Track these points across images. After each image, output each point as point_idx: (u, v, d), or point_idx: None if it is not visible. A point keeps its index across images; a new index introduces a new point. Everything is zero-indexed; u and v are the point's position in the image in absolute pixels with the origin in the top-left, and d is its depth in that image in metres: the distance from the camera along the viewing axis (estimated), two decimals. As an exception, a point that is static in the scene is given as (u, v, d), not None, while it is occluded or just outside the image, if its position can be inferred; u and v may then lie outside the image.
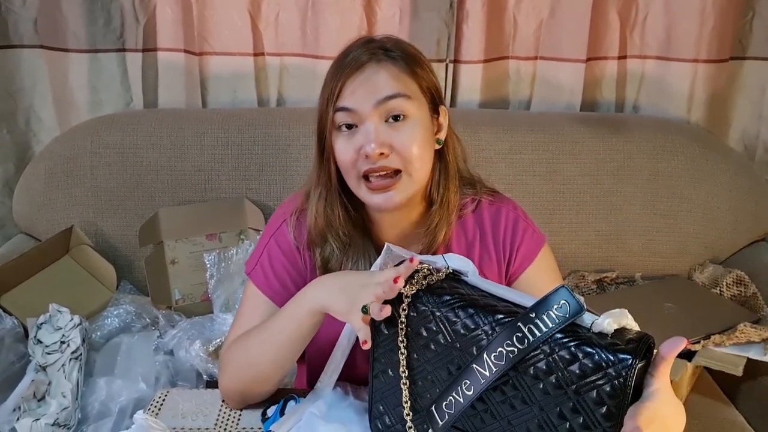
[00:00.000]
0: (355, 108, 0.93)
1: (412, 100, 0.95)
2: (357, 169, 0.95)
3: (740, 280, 1.56)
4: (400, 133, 0.94)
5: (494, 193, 1.11)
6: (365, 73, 0.94)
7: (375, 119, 0.93)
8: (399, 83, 0.94)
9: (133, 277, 1.68)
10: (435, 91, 1.00)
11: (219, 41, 1.79)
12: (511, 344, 0.74)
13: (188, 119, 1.70)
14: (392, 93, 0.93)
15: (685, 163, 1.69)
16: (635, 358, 0.69)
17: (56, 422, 1.21)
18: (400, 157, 0.94)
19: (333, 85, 0.94)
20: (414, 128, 0.95)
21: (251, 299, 1.07)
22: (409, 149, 0.94)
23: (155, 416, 1.01)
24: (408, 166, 0.94)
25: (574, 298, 0.73)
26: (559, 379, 0.72)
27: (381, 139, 0.93)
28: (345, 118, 0.94)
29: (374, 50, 0.95)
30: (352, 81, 0.94)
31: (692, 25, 1.76)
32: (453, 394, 0.78)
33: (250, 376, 0.99)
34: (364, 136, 0.93)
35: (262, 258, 1.07)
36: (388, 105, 0.93)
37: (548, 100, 1.85)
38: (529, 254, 1.06)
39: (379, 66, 0.94)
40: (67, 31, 1.73)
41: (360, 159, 0.94)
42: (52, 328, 1.34)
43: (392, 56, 0.95)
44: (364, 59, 0.94)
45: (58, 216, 1.65)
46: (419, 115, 0.96)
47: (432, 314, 0.82)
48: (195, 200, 1.66)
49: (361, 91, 0.93)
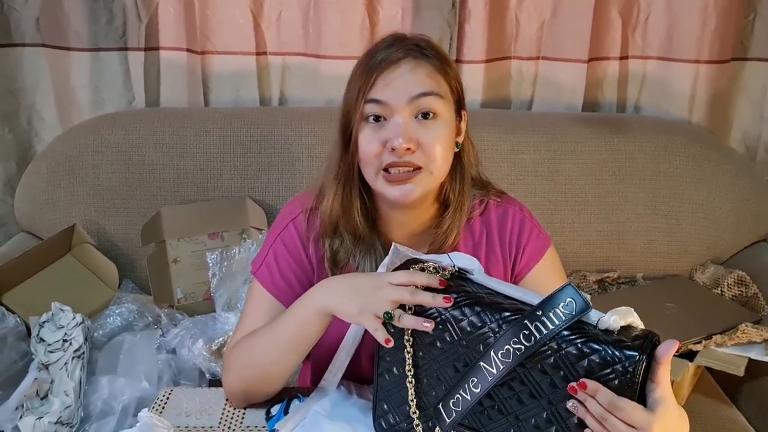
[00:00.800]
0: (387, 101, 0.94)
1: (444, 99, 0.96)
2: (380, 161, 0.95)
3: (741, 280, 1.57)
4: (428, 131, 0.94)
5: (502, 194, 1.11)
6: (401, 69, 0.94)
7: (406, 114, 0.94)
8: (434, 82, 0.95)
9: (135, 275, 1.67)
10: (461, 94, 1.01)
11: (221, 40, 1.79)
12: (518, 342, 0.74)
13: (190, 118, 1.69)
14: (428, 90, 0.94)
15: (687, 163, 1.69)
16: (642, 354, 0.69)
17: (59, 420, 1.21)
18: (424, 155, 0.94)
19: (365, 78, 0.95)
20: (442, 128, 0.95)
21: (256, 298, 1.06)
22: (434, 148, 0.94)
23: (159, 414, 1.01)
24: (430, 164, 0.95)
25: (581, 295, 0.74)
26: (567, 375, 0.72)
27: (410, 134, 0.93)
28: (375, 109, 0.94)
29: (409, 47, 0.96)
30: (386, 75, 0.94)
31: (694, 25, 1.76)
32: (460, 391, 0.79)
33: (255, 376, 0.99)
34: (392, 130, 0.93)
35: (268, 257, 1.06)
36: (421, 102, 0.94)
37: (550, 100, 1.85)
38: (534, 254, 1.07)
39: (415, 63, 0.95)
40: (69, 29, 1.73)
41: (385, 152, 0.94)
42: (55, 326, 1.34)
43: (427, 54, 0.96)
44: (400, 55, 0.95)
45: (60, 215, 1.65)
46: (447, 116, 0.97)
47: (438, 312, 0.82)
48: (197, 199, 1.66)
49: (396, 86, 0.94)
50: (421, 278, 0.84)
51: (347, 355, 0.99)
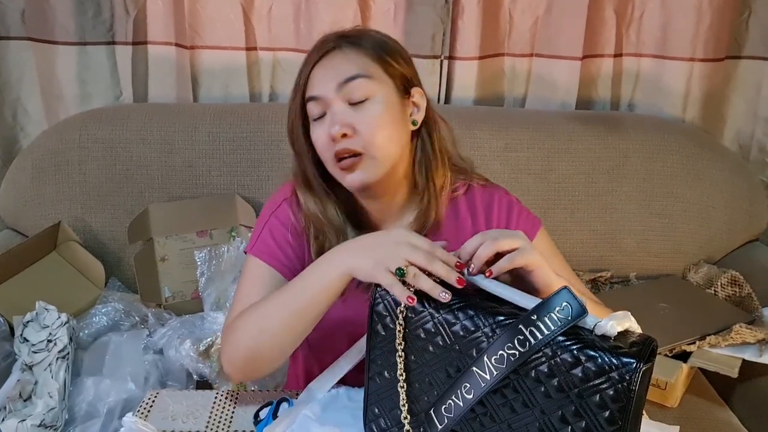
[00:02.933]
0: (319, 94, 0.96)
1: (374, 80, 0.96)
2: (331, 153, 0.96)
3: (735, 280, 1.56)
4: (361, 114, 0.95)
5: (486, 180, 1.12)
6: (327, 61, 0.97)
7: (338, 103, 0.95)
8: (359, 65, 0.96)
9: (122, 274, 1.65)
10: (404, 76, 1.00)
11: (211, 35, 1.76)
12: (512, 347, 0.72)
13: (179, 114, 1.67)
14: (353, 74, 0.95)
15: (681, 162, 1.69)
16: (639, 361, 0.67)
17: (42, 423, 1.18)
18: (362, 139, 0.94)
19: (300, 78, 0.98)
20: (376, 108, 0.95)
21: (253, 272, 1.04)
22: (371, 130, 0.95)
23: (145, 418, 0.99)
24: (370, 148, 0.95)
25: (576, 299, 0.72)
26: (561, 383, 0.71)
27: (343, 120, 0.94)
28: (315, 107, 0.97)
29: (336, 40, 0.98)
30: (315, 70, 0.97)
31: (688, 23, 1.75)
32: (453, 397, 0.77)
33: (262, 342, 0.94)
34: (330, 119, 0.95)
35: (263, 234, 1.06)
36: (349, 86, 0.95)
37: (543, 97, 1.84)
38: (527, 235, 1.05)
39: (341, 51, 0.97)
40: (56, 22, 1.70)
41: (332, 143, 0.95)
42: (39, 326, 1.31)
43: (356, 42, 0.97)
44: (328, 47, 0.97)
45: (45, 211, 1.62)
46: (383, 95, 0.96)
47: (430, 315, 0.80)
48: (185, 196, 1.64)
49: (324, 77, 0.96)
50: (441, 253, 0.81)
51: (348, 363, 0.97)
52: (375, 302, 0.85)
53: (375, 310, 0.85)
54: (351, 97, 0.95)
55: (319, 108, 0.96)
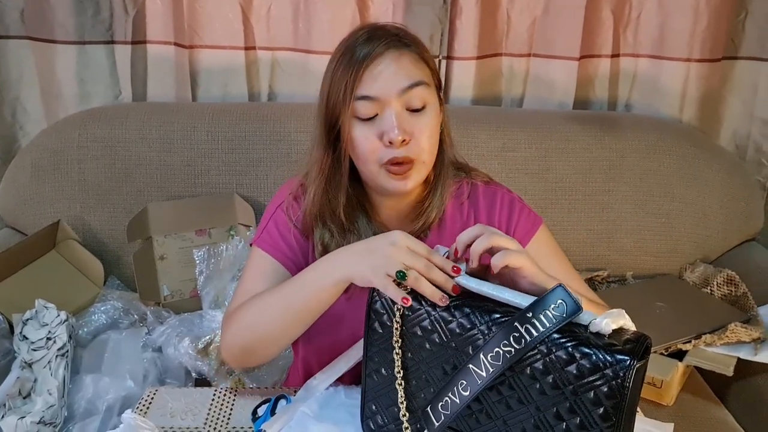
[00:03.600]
0: (378, 95, 0.93)
1: (430, 87, 0.97)
2: (378, 156, 0.95)
3: (731, 279, 1.57)
4: (419, 122, 0.95)
5: (488, 177, 1.13)
6: (385, 61, 0.94)
7: (397, 106, 0.94)
8: (419, 70, 0.96)
9: (121, 272, 1.66)
10: (438, 76, 1.02)
11: (210, 34, 1.76)
12: (508, 344, 0.73)
13: (178, 113, 1.67)
14: (415, 81, 0.94)
15: (677, 162, 1.69)
16: (633, 358, 0.68)
17: (42, 420, 1.19)
18: (417, 146, 0.95)
19: (351, 74, 0.93)
20: (431, 117, 0.97)
21: (257, 263, 1.05)
22: (426, 138, 0.96)
23: (143, 415, 1.00)
24: (422, 155, 0.96)
25: (572, 297, 0.73)
26: (556, 380, 0.71)
27: (404, 126, 0.94)
28: (367, 107, 0.94)
29: (389, 38, 0.95)
30: (372, 69, 0.93)
31: (685, 24, 1.76)
32: (449, 394, 0.77)
33: (258, 335, 0.96)
34: (387, 123, 0.93)
35: (268, 226, 1.07)
36: (411, 93, 0.94)
37: (541, 97, 1.84)
38: (526, 234, 1.07)
39: (398, 53, 0.94)
40: (55, 21, 1.71)
41: (382, 146, 0.94)
42: (38, 324, 1.32)
43: (407, 43, 0.96)
44: (382, 48, 0.94)
45: (44, 210, 1.62)
46: (434, 104, 0.98)
47: (427, 313, 0.81)
48: (184, 195, 1.64)
49: (384, 79, 0.93)
50: (437, 259, 0.82)
51: (347, 364, 0.98)
52: (372, 300, 0.85)
53: (372, 308, 0.85)
54: (411, 104, 0.94)
55: (372, 108, 0.94)
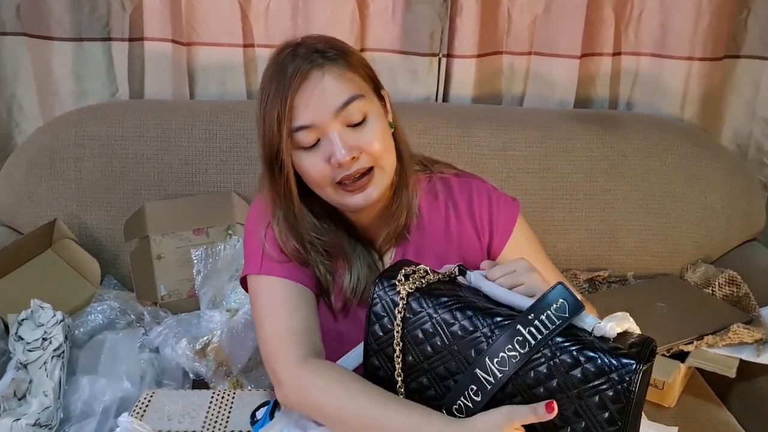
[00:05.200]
0: (314, 122, 0.91)
1: (365, 97, 0.94)
2: (331, 178, 0.93)
3: (732, 280, 1.56)
4: (364, 134, 0.93)
5: (455, 168, 1.12)
6: (311, 83, 0.90)
7: (337, 126, 0.92)
8: (349, 83, 0.92)
9: (118, 272, 1.64)
10: (373, 76, 0.99)
11: (208, 31, 1.75)
12: (513, 348, 0.72)
13: (175, 111, 1.66)
14: (348, 98, 0.92)
15: (679, 161, 1.68)
16: (639, 362, 0.67)
17: (37, 422, 1.17)
18: (370, 156, 0.93)
19: (280, 104, 0.90)
20: (375, 124, 0.94)
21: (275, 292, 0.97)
22: (376, 146, 0.93)
23: (140, 418, 0.99)
24: (378, 161, 0.94)
25: (572, 295, 0.72)
26: (561, 383, 0.70)
27: (349, 144, 0.92)
28: (307, 135, 0.91)
29: (309, 55, 0.92)
30: (301, 96, 0.90)
31: (687, 22, 1.75)
32: (461, 399, 0.76)
33: (327, 420, 0.88)
34: (331, 146, 0.91)
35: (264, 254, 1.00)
36: (347, 110, 0.92)
37: (542, 96, 1.83)
38: (508, 223, 1.07)
39: (322, 71, 0.91)
40: (51, 18, 1.69)
41: (331, 168, 0.92)
42: (34, 324, 1.30)
43: (329, 56, 0.93)
44: (305, 68, 0.91)
45: (40, 209, 1.61)
46: (374, 110, 0.95)
47: (428, 316, 0.80)
48: (182, 194, 1.63)
49: (315, 103, 0.91)
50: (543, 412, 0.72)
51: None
52: (373, 303, 0.84)
53: (373, 311, 0.84)
54: (350, 120, 0.92)
55: (312, 135, 0.92)
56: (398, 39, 1.76)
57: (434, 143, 1.63)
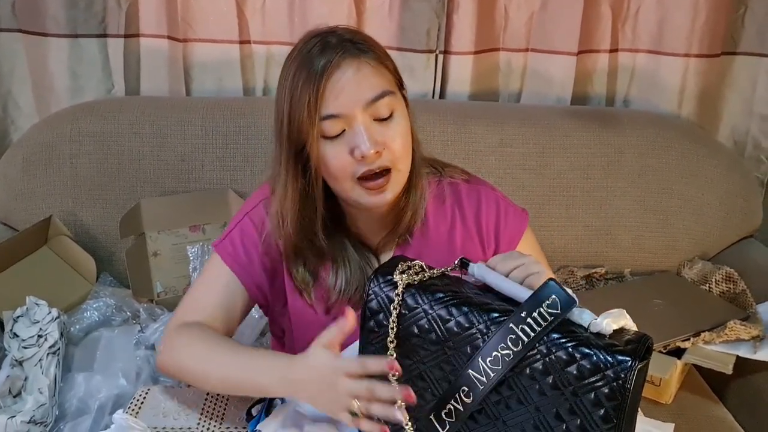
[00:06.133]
0: (343, 112, 0.90)
1: (395, 94, 0.93)
2: (352, 172, 0.92)
3: (729, 276, 1.56)
4: (389, 130, 0.92)
5: (467, 174, 1.10)
6: (345, 74, 0.90)
7: (365, 119, 0.91)
8: (381, 78, 0.92)
9: (114, 269, 1.63)
10: (399, 75, 0.98)
11: (204, 28, 1.74)
12: (506, 347, 0.72)
13: (171, 107, 1.65)
14: (380, 92, 0.91)
15: (676, 158, 1.68)
16: (635, 359, 0.67)
17: (32, 419, 1.17)
18: (391, 154, 0.92)
19: (311, 92, 0.89)
20: (400, 122, 0.94)
21: (213, 271, 1.05)
22: (399, 145, 0.93)
23: (135, 415, 0.98)
24: (397, 163, 0.93)
25: (564, 291, 0.71)
26: (556, 380, 0.70)
27: (375, 138, 0.91)
28: (334, 125, 0.91)
29: (344, 45, 0.91)
30: (333, 85, 0.89)
31: (684, 19, 1.74)
32: (452, 402, 0.76)
33: (193, 380, 0.99)
34: (357, 138, 0.90)
35: (233, 233, 1.05)
36: (377, 105, 0.91)
37: (539, 93, 1.83)
38: (516, 234, 1.06)
39: (357, 62, 0.90)
40: (47, 14, 1.68)
41: (354, 161, 0.91)
42: (29, 321, 1.30)
43: (362, 49, 0.92)
44: (338, 58, 0.89)
45: (36, 205, 1.60)
46: (400, 108, 0.95)
47: (424, 312, 0.80)
48: (178, 191, 1.62)
49: (347, 94, 0.90)
50: (373, 365, 0.82)
51: None
52: (368, 298, 0.84)
53: (368, 307, 0.84)
54: (378, 114, 0.91)
55: (339, 125, 0.91)
56: (395, 35, 1.75)
57: (431, 140, 1.63)
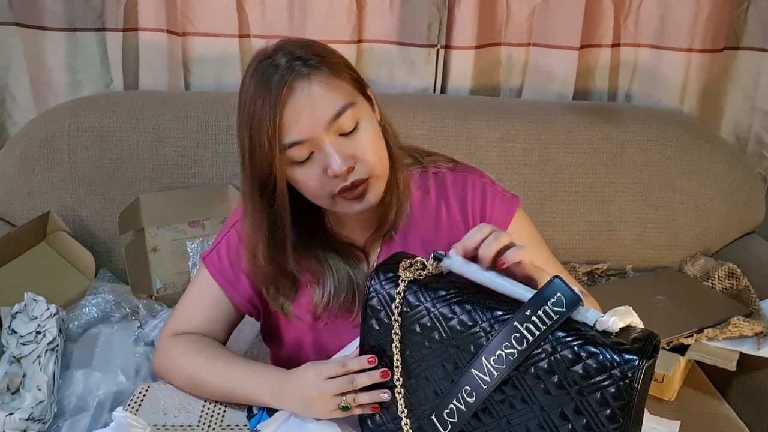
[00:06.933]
0: (307, 137, 0.88)
1: (355, 104, 0.91)
2: (329, 188, 0.91)
3: (732, 272, 1.55)
4: (358, 142, 0.90)
5: (454, 162, 1.08)
6: (299, 97, 0.87)
7: (330, 137, 0.89)
8: (338, 93, 0.89)
9: (113, 265, 1.62)
10: (358, 77, 0.95)
11: (203, 21, 1.72)
12: (510, 346, 0.71)
13: (170, 102, 1.64)
14: (339, 108, 0.88)
15: (678, 153, 1.67)
16: (642, 358, 0.66)
17: (31, 417, 1.16)
18: (365, 165, 0.90)
19: (269, 121, 0.87)
20: (367, 130, 0.91)
21: (201, 286, 1.07)
22: (370, 154, 0.91)
23: (135, 412, 0.97)
24: (373, 170, 0.91)
25: (569, 289, 0.70)
26: (562, 380, 0.69)
27: (344, 153, 0.89)
28: (301, 151, 0.89)
29: (291, 65, 0.88)
30: (290, 111, 0.87)
31: (687, 13, 1.73)
32: (454, 401, 0.75)
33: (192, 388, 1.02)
34: (326, 158, 0.89)
35: (220, 246, 1.06)
36: (339, 121, 0.88)
37: (540, 88, 1.81)
38: (503, 221, 1.03)
39: (309, 82, 0.87)
40: (44, 7, 1.66)
41: (329, 178, 0.90)
42: (28, 317, 1.29)
43: (312, 64, 0.88)
44: (290, 79, 0.87)
45: (34, 201, 1.59)
46: (365, 114, 0.92)
47: (426, 310, 0.78)
48: (177, 186, 1.61)
49: (306, 117, 0.87)
50: (353, 364, 0.85)
51: None
52: (369, 296, 0.83)
53: (369, 305, 0.83)
54: (343, 129, 0.89)
55: (306, 150, 0.89)
56: (396, 30, 1.74)
57: (432, 135, 1.62)
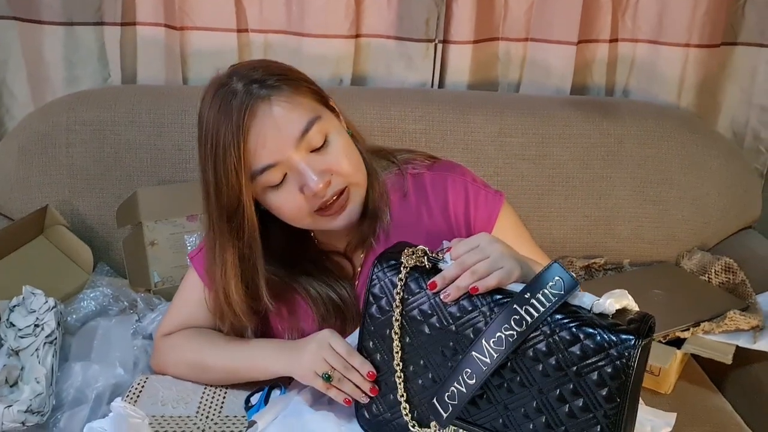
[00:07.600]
0: (277, 159, 0.88)
1: (321, 118, 0.90)
2: (309, 209, 0.91)
3: (729, 267, 1.55)
4: (330, 155, 0.90)
5: (432, 159, 1.07)
6: (262, 121, 0.86)
7: (303, 155, 0.88)
8: (301, 110, 0.89)
9: (111, 258, 1.62)
10: (318, 90, 0.95)
11: (201, 16, 1.72)
12: (510, 328, 0.71)
13: (168, 96, 1.64)
14: (305, 125, 0.88)
15: (675, 148, 1.67)
16: (638, 338, 0.67)
17: (29, 409, 1.15)
18: (341, 176, 0.91)
19: (234, 150, 0.86)
20: (337, 141, 0.91)
21: (189, 287, 1.08)
22: (345, 164, 0.91)
23: (134, 404, 0.98)
24: (350, 179, 0.92)
25: (568, 273, 0.71)
26: (560, 361, 0.70)
27: (319, 169, 0.89)
28: (274, 174, 0.89)
29: (248, 89, 0.87)
30: (254, 138, 0.86)
31: (684, 9, 1.74)
32: (455, 384, 0.75)
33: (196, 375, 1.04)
34: (301, 177, 0.89)
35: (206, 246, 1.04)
36: (307, 137, 0.88)
37: (538, 82, 1.82)
38: (488, 220, 1.01)
39: (269, 103, 0.87)
40: (42, 1, 1.66)
41: (307, 199, 0.90)
42: (26, 310, 1.29)
43: (270, 84, 0.88)
44: (250, 104, 0.86)
45: (32, 195, 1.59)
46: (332, 126, 0.92)
47: (427, 296, 0.79)
48: (175, 180, 1.61)
49: (272, 140, 0.87)
50: (355, 361, 0.86)
51: None
52: (371, 284, 0.83)
53: (371, 292, 0.83)
54: (312, 145, 0.89)
55: (279, 172, 0.89)
56: (394, 24, 1.74)
57: (430, 130, 1.62)
